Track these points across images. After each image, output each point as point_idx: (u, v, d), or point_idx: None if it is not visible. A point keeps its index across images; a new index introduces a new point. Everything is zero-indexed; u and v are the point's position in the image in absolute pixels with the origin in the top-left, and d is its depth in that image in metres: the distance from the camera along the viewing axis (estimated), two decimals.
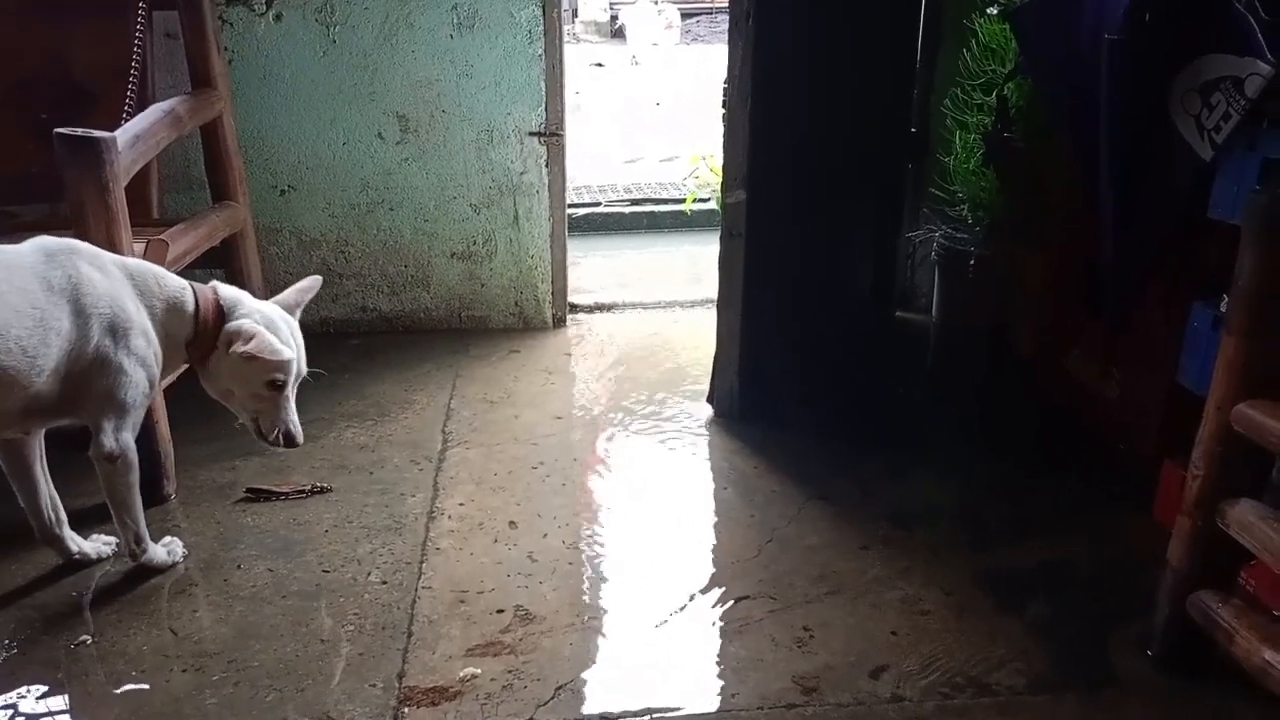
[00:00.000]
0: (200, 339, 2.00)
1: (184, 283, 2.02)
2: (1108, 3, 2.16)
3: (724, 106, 2.66)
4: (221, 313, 2.00)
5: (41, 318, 1.81)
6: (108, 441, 1.94)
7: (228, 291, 2.04)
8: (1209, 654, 1.79)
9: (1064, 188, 2.65)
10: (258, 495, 2.44)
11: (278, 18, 3.15)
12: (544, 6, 3.21)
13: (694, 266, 4.26)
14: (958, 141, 3.16)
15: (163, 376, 2.04)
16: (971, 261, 3.20)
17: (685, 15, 15.49)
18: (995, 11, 2.89)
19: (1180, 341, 2.18)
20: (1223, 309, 1.90)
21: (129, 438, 1.98)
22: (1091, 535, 2.31)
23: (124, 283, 1.94)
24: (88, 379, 1.89)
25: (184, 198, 3.20)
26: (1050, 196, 2.80)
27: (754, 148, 2.61)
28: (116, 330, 1.90)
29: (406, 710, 1.76)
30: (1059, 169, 2.66)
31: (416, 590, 2.09)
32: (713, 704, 1.80)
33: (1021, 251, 3.04)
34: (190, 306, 1.99)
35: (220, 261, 2.95)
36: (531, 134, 3.35)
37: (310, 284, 2.19)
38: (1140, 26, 2.07)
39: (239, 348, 1.92)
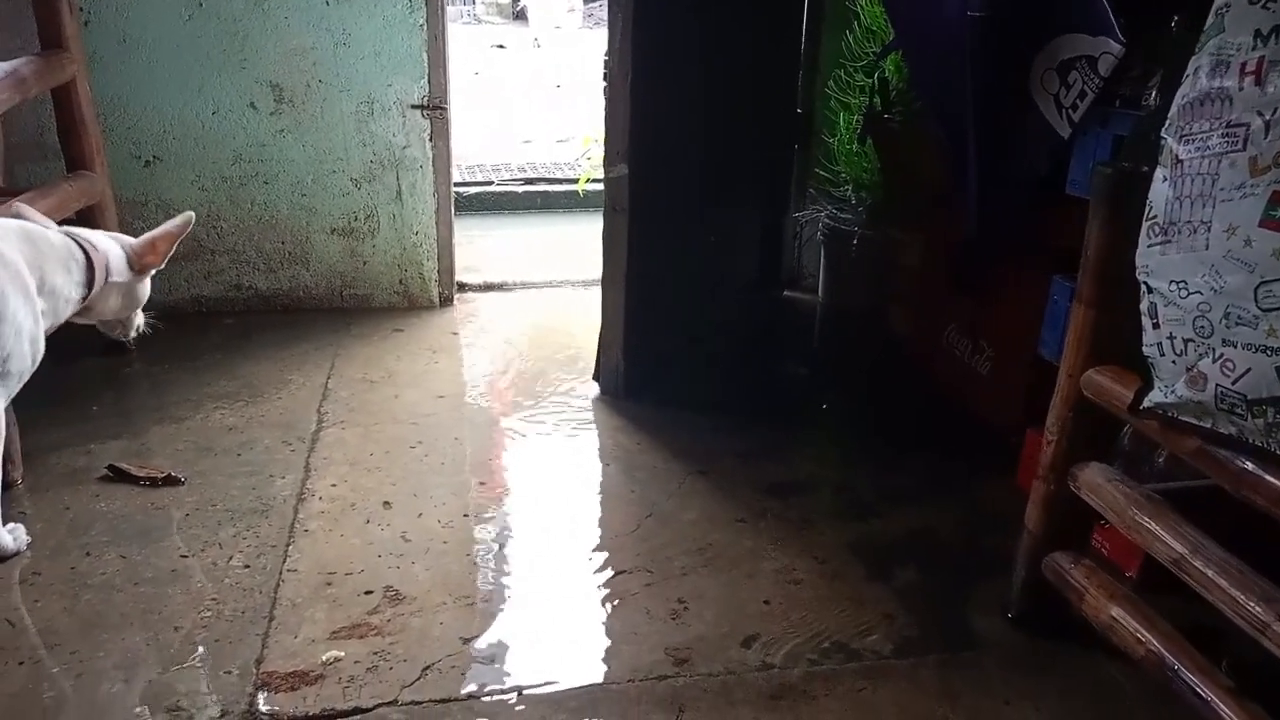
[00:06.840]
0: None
1: (66, 239, 2.06)
2: None
3: (605, 79, 2.62)
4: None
5: None
6: None
7: (86, 233, 2.14)
8: (1064, 613, 1.85)
9: (936, 167, 2.70)
10: (118, 474, 2.32)
11: None
12: None
13: (586, 246, 4.17)
14: (841, 123, 3.20)
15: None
16: (854, 242, 3.26)
17: None
18: None
19: (1042, 315, 2.25)
20: None
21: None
22: (959, 504, 2.38)
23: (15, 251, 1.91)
24: None
25: (37, 168, 3.01)
26: (924, 177, 2.86)
27: (635, 121, 2.58)
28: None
29: (263, 696, 1.69)
30: (931, 149, 2.71)
31: (281, 574, 2.01)
32: (584, 678, 1.78)
33: (898, 232, 3.10)
34: (80, 259, 2.05)
35: None
36: (414, 107, 3.26)
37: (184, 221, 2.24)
38: (1002, 4, 2.12)
39: (166, 249, 2.19)
